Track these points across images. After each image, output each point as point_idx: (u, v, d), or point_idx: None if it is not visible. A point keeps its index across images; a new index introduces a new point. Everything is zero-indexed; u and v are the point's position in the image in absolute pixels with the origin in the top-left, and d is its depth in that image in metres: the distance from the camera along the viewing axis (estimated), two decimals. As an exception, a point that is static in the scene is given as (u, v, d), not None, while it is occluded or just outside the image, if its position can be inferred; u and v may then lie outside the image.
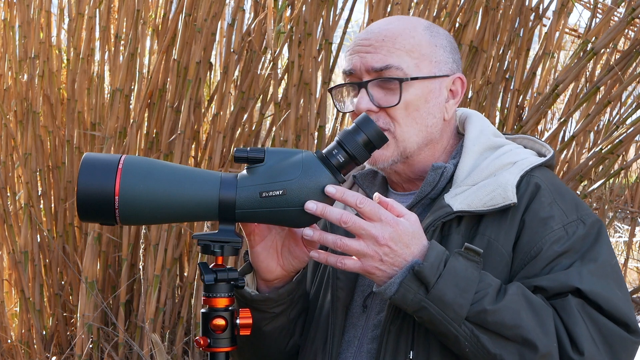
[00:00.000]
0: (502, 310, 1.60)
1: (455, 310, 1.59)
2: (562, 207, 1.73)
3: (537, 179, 1.75)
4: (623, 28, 3.53)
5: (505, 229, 1.71)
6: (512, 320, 1.60)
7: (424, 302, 1.59)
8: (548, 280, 1.66)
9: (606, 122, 4.18)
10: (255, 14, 3.86)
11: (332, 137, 3.88)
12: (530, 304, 1.62)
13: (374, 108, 1.78)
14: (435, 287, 1.58)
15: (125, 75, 3.87)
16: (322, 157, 1.60)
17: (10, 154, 4.11)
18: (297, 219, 1.59)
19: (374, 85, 1.79)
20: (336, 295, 1.79)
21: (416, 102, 1.79)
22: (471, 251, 1.62)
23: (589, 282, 1.65)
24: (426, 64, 1.80)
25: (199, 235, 1.63)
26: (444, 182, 1.79)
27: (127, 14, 3.92)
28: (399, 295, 1.59)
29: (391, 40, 1.80)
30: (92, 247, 3.75)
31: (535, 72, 3.92)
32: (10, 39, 4.16)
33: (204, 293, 1.62)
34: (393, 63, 1.78)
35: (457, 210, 1.71)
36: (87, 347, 3.75)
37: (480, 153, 1.79)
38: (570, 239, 1.70)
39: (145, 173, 1.57)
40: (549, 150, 1.82)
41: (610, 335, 1.64)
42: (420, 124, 1.80)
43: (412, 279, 1.58)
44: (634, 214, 4.26)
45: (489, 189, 1.72)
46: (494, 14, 3.69)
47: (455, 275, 1.59)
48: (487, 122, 1.86)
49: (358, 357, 1.77)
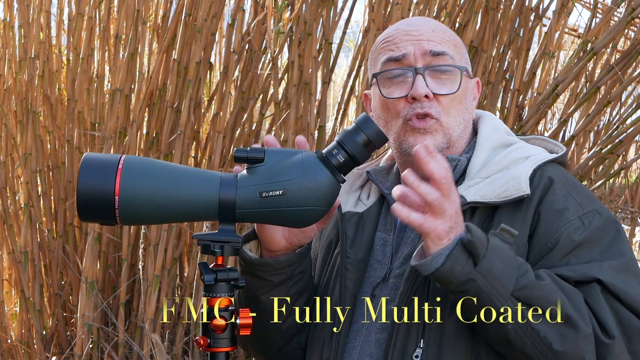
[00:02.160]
0: (545, 287, 1.60)
1: (502, 284, 1.58)
2: (576, 199, 1.74)
3: (550, 172, 1.77)
4: (623, 28, 3.53)
5: (519, 220, 1.72)
6: (555, 298, 1.60)
7: (472, 274, 1.57)
8: (569, 271, 1.67)
9: (606, 122, 4.18)
10: (255, 14, 3.86)
11: (332, 137, 3.88)
12: (562, 287, 1.63)
13: (430, 94, 1.79)
14: (484, 259, 1.57)
15: (125, 75, 3.87)
16: (322, 157, 1.60)
17: (10, 154, 4.11)
18: (297, 219, 1.59)
19: (428, 73, 1.80)
20: (344, 285, 1.80)
21: (461, 95, 1.83)
22: (507, 232, 1.63)
23: (609, 275, 1.66)
24: (464, 62, 1.86)
25: (199, 235, 1.63)
26: (457, 175, 1.80)
27: (127, 14, 3.92)
28: (447, 267, 1.57)
29: (441, 32, 1.84)
30: (92, 247, 3.75)
31: (535, 72, 3.92)
32: (10, 39, 4.16)
33: (204, 293, 1.62)
34: (447, 51, 1.82)
35: (471, 201, 1.72)
36: (87, 347, 3.75)
37: (493, 149, 1.81)
38: (587, 229, 1.71)
39: (145, 173, 1.57)
40: (561, 148, 1.84)
41: (629, 325, 1.66)
42: (461, 117, 1.83)
43: (461, 251, 1.57)
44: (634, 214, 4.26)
45: (502, 181, 1.73)
46: (494, 14, 3.69)
47: (500, 251, 1.59)
48: (501, 122, 1.89)
49: (366, 346, 1.77)
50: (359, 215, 1.86)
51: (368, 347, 1.77)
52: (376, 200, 1.89)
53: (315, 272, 1.93)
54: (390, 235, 1.84)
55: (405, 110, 1.80)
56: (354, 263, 1.81)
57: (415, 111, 1.79)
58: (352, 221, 1.85)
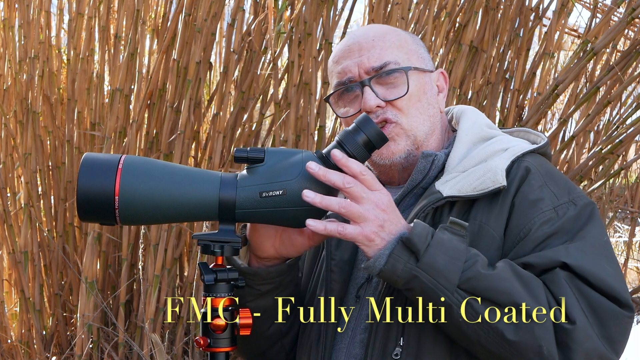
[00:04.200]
0: (493, 277, 1.58)
1: (446, 277, 1.57)
2: (552, 190, 1.72)
3: (528, 163, 1.75)
4: (623, 28, 3.53)
5: (495, 212, 1.71)
6: (504, 287, 1.58)
7: (414, 270, 1.57)
8: (535, 257, 1.64)
9: (606, 122, 4.18)
10: (255, 14, 3.86)
11: (332, 137, 3.88)
12: (520, 276, 1.60)
13: (381, 103, 1.80)
14: (425, 255, 1.57)
15: (125, 75, 3.87)
16: (322, 157, 1.60)
17: (10, 154, 4.11)
18: (297, 219, 1.59)
19: (375, 83, 1.81)
20: (330, 288, 1.80)
21: (417, 93, 1.82)
22: (456, 225, 1.61)
23: (577, 257, 1.63)
24: (415, 58, 1.85)
25: (199, 235, 1.63)
26: (435, 171, 1.80)
27: (127, 14, 3.92)
28: (389, 267, 1.57)
29: (381, 40, 1.84)
30: (92, 247, 3.75)
31: (535, 72, 3.92)
32: (10, 39, 4.16)
33: (204, 293, 1.62)
34: (390, 59, 1.82)
35: (447, 195, 1.71)
36: (87, 347, 3.75)
37: (472, 143, 1.81)
38: (560, 219, 1.69)
39: (145, 173, 1.57)
40: (543, 138, 1.83)
41: (600, 308, 1.62)
42: (423, 114, 1.83)
43: (401, 249, 1.57)
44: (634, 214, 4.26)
45: (479, 174, 1.72)
46: (494, 14, 3.69)
47: (444, 245, 1.58)
48: (482, 116, 1.88)
49: (351, 347, 1.77)
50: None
51: (353, 348, 1.77)
52: None
53: (303, 275, 1.93)
54: None
55: None
56: (339, 264, 1.81)
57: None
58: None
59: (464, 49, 3.60)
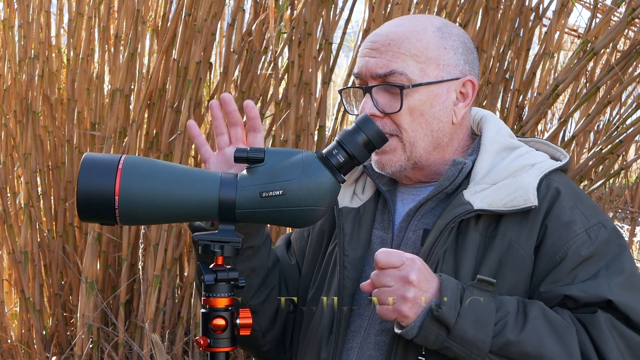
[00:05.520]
0: (524, 341, 1.62)
1: (478, 347, 1.61)
2: (582, 212, 1.74)
3: (557, 183, 1.76)
4: (623, 28, 3.52)
5: (526, 231, 1.72)
6: (535, 349, 1.62)
7: (446, 342, 1.62)
8: (579, 291, 1.67)
9: (606, 122, 4.18)
10: (256, 14, 3.86)
11: (332, 137, 3.88)
12: (553, 327, 1.63)
13: (377, 114, 1.78)
14: (455, 327, 1.61)
15: (125, 75, 3.87)
16: (322, 157, 1.60)
17: (10, 154, 4.11)
18: (297, 219, 1.59)
19: (379, 90, 1.79)
20: (343, 284, 1.79)
21: (421, 108, 1.78)
22: (484, 282, 1.64)
23: (619, 294, 1.67)
24: (433, 67, 1.79)
25: (199, 236, 1.63)
26: (461, 178, 1.79)
27: (127, 14, 3.92)
28: (421, 338, 1.63)
29: (397, 45, 1.78)
30: (92, 247, 3.75)
31: (535, 72, 3.91)
32: (10, 39, 4.16)
33: (204, 293, 1.62)
34: (397, 69, 1.77)
35: (478, 208, 1.71)
36: (87, 347, 3.75)
37: (497, 152, 1.79)
38: (594, 243, 1.71)
39: (145, 173, 1.57)
40: (563, 154, 1.83)
41: (638, 348, 1.66)
42: (425, 129, 1.79)
43: (431, 322, 1.62)
44: (634, 214, 4.25)
45: (509, 190, 1.72)
46: (494, 14, 3.69)
47: (473, 311, 1.61)
48: (503, 123, 1.86)
49: (365, 347, 1.77)
50: (355, 210, 1.86)
51: (367, 349, 1.76)
52: (372, 195, 1.88)
53: (305, 262, 1.93)
54: (389, 234, 1.83)
55: None
56: (352, 261, 1.80)
57: None
58: (349, 217, 1.85)
59: (464, 49, 3.60)
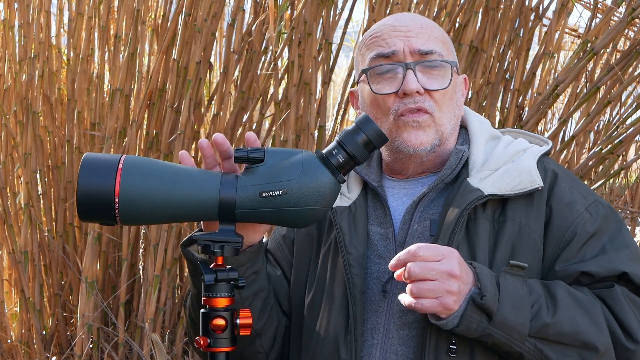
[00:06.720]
0: (560, 322, 1.66)
1: (518, 331, 1.64)
2: (579, 191, 1.79)
3: (552, 165, 1.82)
4: (623, 28, 3.52)
5: (533, 214, 1.75)
6: (571, 328, 1.66)
7: (488, 329, 1.63)
8: (595, 266, 1.72)
9: (606, 122, 4.18)
10: (256, 14, 3.86)
11: (332, 137, 3.88)
12: (581, 304, 1.68)
13: (421, 90, 1.79)
14: (497, 314, 1.62)
15: (125, 75, 3.87)
16: (322, 157, 1.60)
17: (10, 154, 4.11)
18: (297, 219, 1.59)
19: (419, 68, 1.79)
20: (352, 283, 1.78)
21: (452, 91, 1.83)
22: (516, 267, 1.66)
23: (631, 266, 1.72)
24: (452, 58, 1.85)
25: (199, 236, 1.63)
26: (460, 167, 1.81)
27: (127, 14, 3.92)
28: (463, 327, 1.63)
29: (429, 29, 1.83)
30: (92, 247, 3.75)
31: (535, 72, 3.91)
32: (10, 39, 4.16)
33: (204, 293, 1.61)
34: (436, 49, 1.81)
35: (489, 193, 1.74)
36: (87, 347, 3.75)
37: (486, 141, 1.84)
38: (596, 220, 1.76)
39: (145, 173, 1.57)
40: (543, 140, 1.87)
41: None
42: (452, 113, 1.83)
43: (473, 310, 1.63)
44: (634, 214, 4.26)
45: (514, 174, 1.75)
46: (494, 14, 3.69)
47: (510, 296, 1.64)
48: (480, 115, 1.93)
49: (387, 343, 1.75)
50: (348, 209, 1.84)
51: (391, 345, 1.75)
52: (360, 192, 1.87)
53: (294, 270, 1.91)
54: (388, 229, 1.82)
55: (396, 105, 1.79)
56: (357, 259, 1.79)
57: (408, 106, 1.78)
58: (344, 216, 1.83)
59: (463, 49, 3.60)
